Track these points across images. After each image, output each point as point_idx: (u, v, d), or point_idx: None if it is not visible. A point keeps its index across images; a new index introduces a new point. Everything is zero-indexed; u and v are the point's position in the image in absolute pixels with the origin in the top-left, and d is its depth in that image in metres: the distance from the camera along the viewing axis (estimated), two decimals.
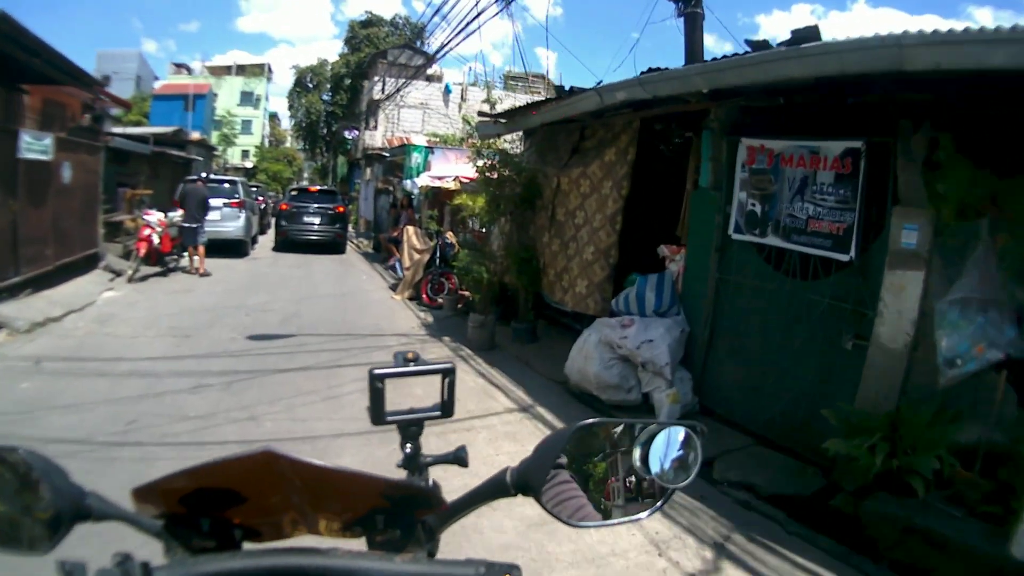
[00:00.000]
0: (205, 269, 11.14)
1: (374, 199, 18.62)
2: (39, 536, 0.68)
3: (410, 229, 11.24)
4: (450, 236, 10.62)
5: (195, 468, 0.69)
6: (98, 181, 10.31)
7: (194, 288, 9.96)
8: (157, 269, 10.74)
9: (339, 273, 12.93)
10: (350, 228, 19.80)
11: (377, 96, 22.65)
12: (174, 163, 16.95)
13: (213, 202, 11.96)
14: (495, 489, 0.78)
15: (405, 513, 0.76)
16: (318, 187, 18.84)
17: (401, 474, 0.94)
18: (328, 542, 0.72)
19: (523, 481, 0.75)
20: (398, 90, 20.05)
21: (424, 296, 9.89)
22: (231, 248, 13.63)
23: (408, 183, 13.62)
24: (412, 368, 0.95)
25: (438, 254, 10.08)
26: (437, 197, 13.01)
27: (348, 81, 30.91)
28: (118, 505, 0.73)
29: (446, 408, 0.97)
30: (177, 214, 11.03)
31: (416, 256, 10.65)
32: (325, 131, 33.79)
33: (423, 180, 12.94)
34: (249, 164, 42.67)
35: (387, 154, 18.05)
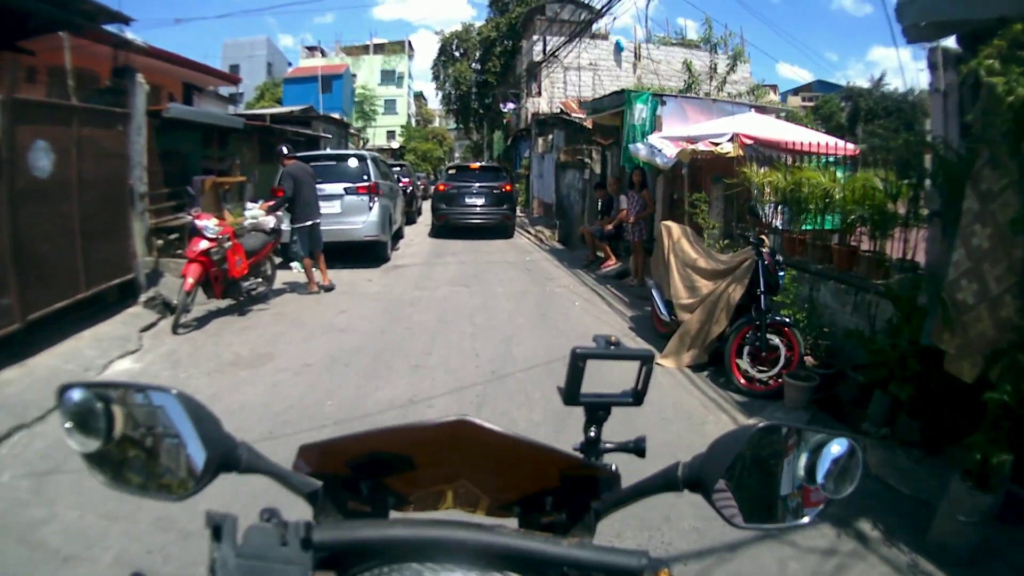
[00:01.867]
0: (329, 281, 7.41)
1: (555, 176, 13.85)
2: (181, 481, 0.63)
3: (674, 228, 5.70)
4: (765, 242, 5.09)
5: (381, 430, 0.67)
6: (126, 168, 5.99)
7: (278, 349, 5.12)
8: (229, 302, 6.19)
9: (535, 296, 7.52)
10: (519, 212, 16.13)
11: (538, 58, 19.55)
12: (293, 142, 12.98)
13: (330, 188, 8.49)
14: (665, 482, 0.74)
15: (576, 497, 0.73)
16: (480, 164, 15.80)
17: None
18: (473, 519, 0.66)
19: (695, 477, 0.71)
20: (571, 36, 15.52)
21: (735, 372, 4.56)
22: (362, 252, 9.04)
23: (639, 148, 7.98)
24: (614, 351, 0.90)
25: (760, 284, 4.64)
26: (692, 172, 7.58)
27: (498, 48, 26.89)
28: (269, 459, 0.67)
29: (638, 396, 0.92)
30: (258, 210, 6.48)
31: (702, 285, 5.19)
32: (478, 104, 29.45)
33: (664, 145, 7.44)
34: (395, 144, 38.95)
35: (578, 116, 12.91)
